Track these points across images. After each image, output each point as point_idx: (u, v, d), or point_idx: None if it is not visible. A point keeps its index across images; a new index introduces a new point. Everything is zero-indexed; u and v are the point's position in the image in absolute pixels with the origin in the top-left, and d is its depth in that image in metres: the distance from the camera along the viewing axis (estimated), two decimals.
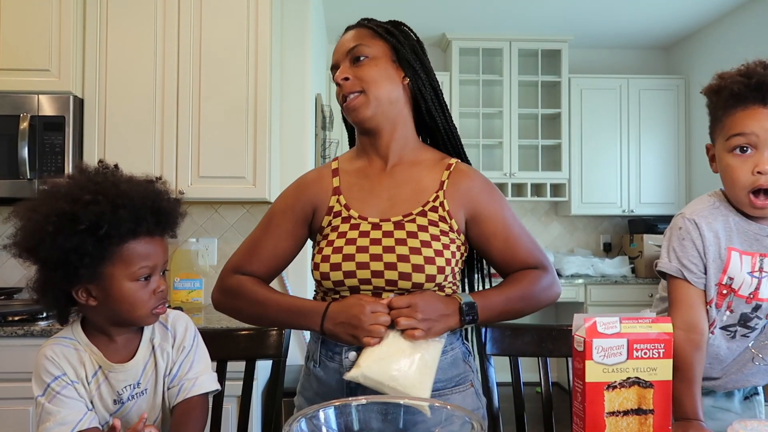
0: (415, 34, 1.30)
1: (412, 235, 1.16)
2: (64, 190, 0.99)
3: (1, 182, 2.32)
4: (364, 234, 1.18)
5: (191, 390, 1.08)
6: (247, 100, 2.46)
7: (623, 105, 4.63)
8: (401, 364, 1.06)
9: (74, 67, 2.40)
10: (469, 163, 1.31)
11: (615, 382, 0.92)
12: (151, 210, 1.01)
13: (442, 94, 1.30)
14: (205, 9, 2.47)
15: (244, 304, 1.23)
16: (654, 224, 4.48)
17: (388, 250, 1.15)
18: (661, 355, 0.93)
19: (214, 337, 1.37)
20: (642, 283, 4.31)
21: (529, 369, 2.35)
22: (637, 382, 0.92)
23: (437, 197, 1.21)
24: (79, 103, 2.43)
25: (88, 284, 1.00)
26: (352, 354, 1.15)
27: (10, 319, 2.12)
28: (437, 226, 1.19)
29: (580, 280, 4.30)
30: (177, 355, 1.10)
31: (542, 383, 1.43)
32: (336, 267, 1.16)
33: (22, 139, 2.31)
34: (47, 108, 2.36)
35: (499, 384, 1.43)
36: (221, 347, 1.39)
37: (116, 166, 1.07)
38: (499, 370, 1.45)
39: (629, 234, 4.67)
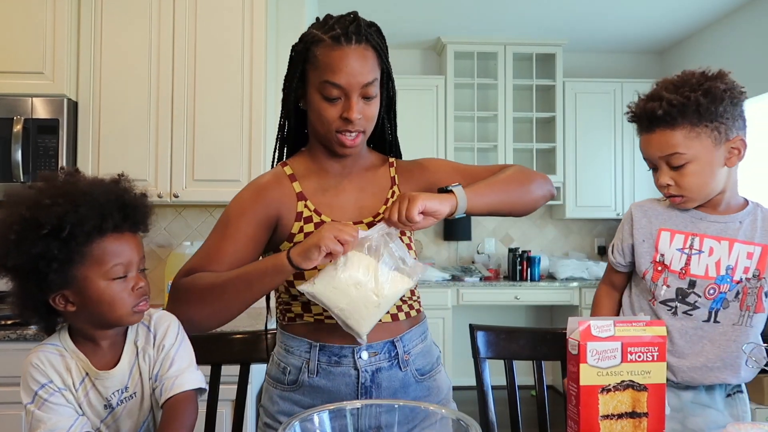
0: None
1: None
2: (25, 198, 0.96)
3: None
4: None
5: (172, 388, 1.04)
6: (242, 103, 2.46)
7: (617, 108, 4.65)
8: (353, 296, 1.05)
9: (68, 70, 2.39)
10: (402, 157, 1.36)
11: (609, 385, 0.92)
12: (116, 205, 0.99)
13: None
14: (200, 12, 2.46)
15: (195, 298, 1.12)
16: None
17: None
18: (655, 359, 0.93)
19: (208, 341, 1.36)
20: None
21: (524, 372, 2.35)
22: (632, 385, 0.93)
23: (394, 192, 1.27)
24: (73, 106, 2.42)
25: (64, 290, 0.97)
26: (365, 354, 1.16)
27: (2, 323, 2.10)
28: None
29: (575, 284, 4.31)
30: (157, 355, 1.07)
31: (537, 386, 1.43)
32: None
33: (15, 142, 2.30)
34: (41, 111, 2.35)
35: (493, 387, 1.43)
36: (215, 351, 1.39)
37: (77, 170, 1.05)
38: (494, 373, 1.45)
39: None
